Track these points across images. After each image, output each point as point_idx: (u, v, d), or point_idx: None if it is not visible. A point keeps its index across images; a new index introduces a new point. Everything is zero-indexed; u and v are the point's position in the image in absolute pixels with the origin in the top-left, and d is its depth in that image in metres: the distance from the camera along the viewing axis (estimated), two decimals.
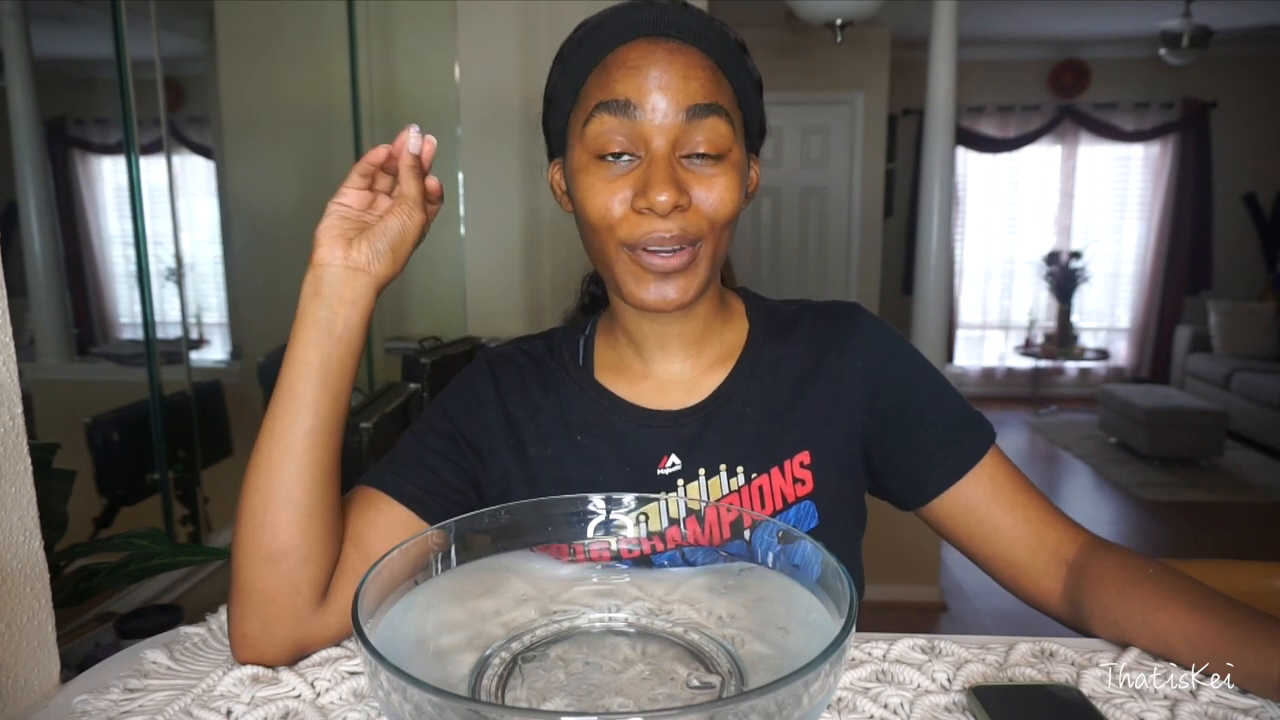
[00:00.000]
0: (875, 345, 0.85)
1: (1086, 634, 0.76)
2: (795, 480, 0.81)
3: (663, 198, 0.72)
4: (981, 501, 0.80)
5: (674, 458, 0.82)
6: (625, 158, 0.75)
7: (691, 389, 0.85)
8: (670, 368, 0.86)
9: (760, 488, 0.81)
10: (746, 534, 0.65)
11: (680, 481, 0.82)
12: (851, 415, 0.83)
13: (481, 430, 0.85)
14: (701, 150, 0.74)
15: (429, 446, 0.83)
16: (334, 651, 0.71)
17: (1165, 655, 0.68)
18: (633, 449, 0.83)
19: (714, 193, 0.75)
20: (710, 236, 0.76)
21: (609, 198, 0.75)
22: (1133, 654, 0.69)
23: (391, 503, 0.79)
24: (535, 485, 0.83)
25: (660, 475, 0.82)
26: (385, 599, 0.57)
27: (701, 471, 0.82)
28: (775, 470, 0.81)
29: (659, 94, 0.73)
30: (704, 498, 0.81)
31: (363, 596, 0.53)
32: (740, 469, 0.82)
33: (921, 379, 0.85)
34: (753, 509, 0.81)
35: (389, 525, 0.78)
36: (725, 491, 0.81)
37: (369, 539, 0.77)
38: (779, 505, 0.81)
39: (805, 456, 0.82)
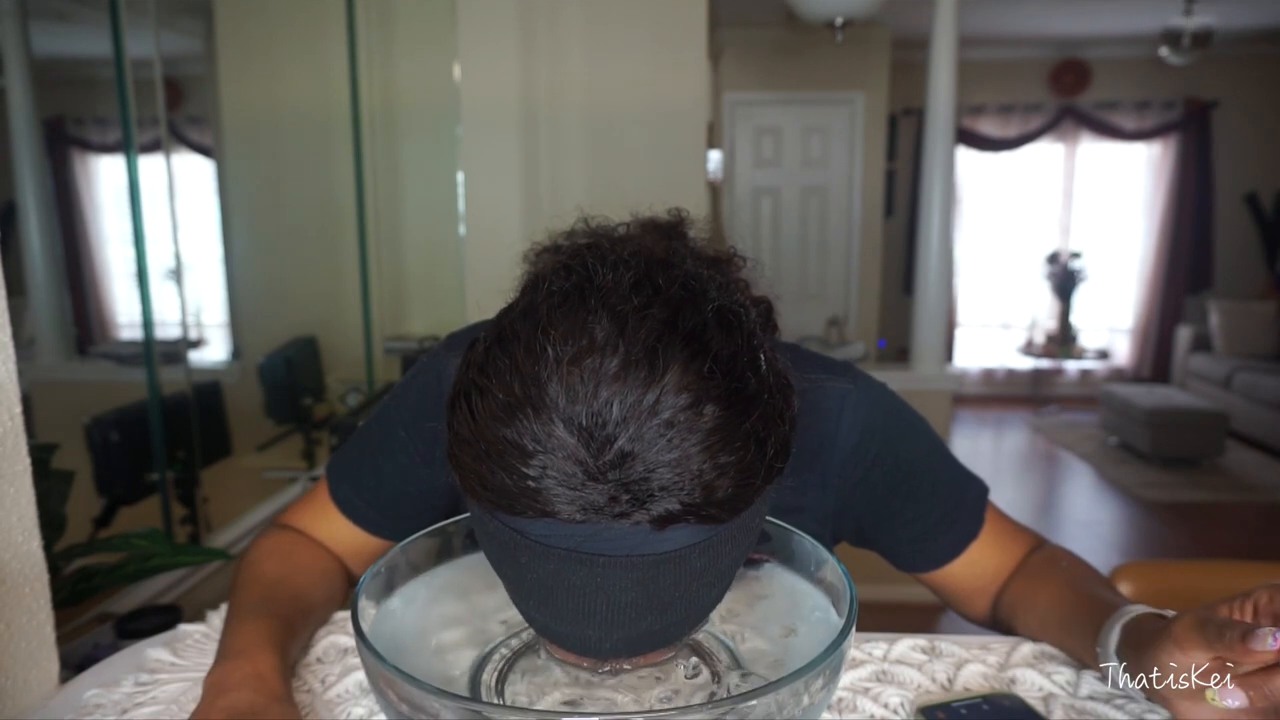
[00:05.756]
0: (854, 452, 0.78)
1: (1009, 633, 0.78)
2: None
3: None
4: (976, 564, 0.80)
5: None
6: None
7: None
8: None
9: None
10: None
11: None
12: (824, 509, 0.79)
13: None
14: None
15: (397, 465, 0.78)
16: (342, 639, 0.71)
17: (1043, 640, 0.71)
18: None
19: None
20: None
21: None
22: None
23: (352, 526, 0.80)
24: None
25: None
26: (386, 594, 0.57)
27: None
28: None
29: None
30: None
31: (362, 594, 0.53)
32: None
33: (904, 476, 0.78)
34: None
35: (352, 537, 0.81)
36: None
37: (344, 551, 0.82)
38: None
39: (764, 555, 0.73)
